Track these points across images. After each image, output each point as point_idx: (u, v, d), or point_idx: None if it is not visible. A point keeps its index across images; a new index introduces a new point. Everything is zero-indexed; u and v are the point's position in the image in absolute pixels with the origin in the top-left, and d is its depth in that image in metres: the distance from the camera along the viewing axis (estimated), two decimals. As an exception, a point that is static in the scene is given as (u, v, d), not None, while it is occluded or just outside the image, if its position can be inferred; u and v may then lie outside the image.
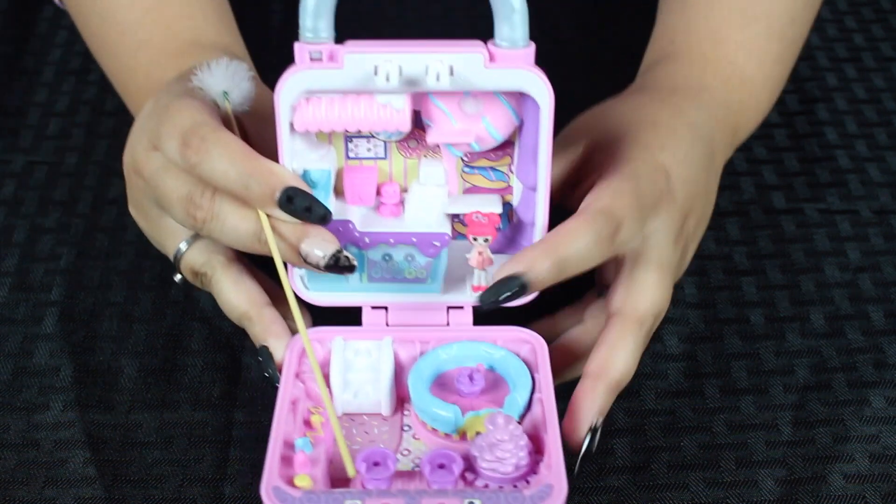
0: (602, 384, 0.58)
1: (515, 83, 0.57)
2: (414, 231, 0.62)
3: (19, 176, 0.79)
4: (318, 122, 0.58)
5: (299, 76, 0.57)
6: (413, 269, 0.62)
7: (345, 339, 0.61)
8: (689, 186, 0.63)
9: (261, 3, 0.92)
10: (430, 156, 0.63)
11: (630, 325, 0.60)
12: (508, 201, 0.64)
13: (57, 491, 0.60)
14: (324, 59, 0.57)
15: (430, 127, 0.60)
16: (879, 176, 0.79)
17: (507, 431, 0.55)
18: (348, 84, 0.57)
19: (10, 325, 0.69)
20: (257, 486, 0.60)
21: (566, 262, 0.57)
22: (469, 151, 0.62)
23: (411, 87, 0.57)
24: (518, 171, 0.62)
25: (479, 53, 0.56)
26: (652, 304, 0.60)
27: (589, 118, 0.67)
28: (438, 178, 0.63)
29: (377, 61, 0.56)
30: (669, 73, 0.71)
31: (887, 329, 0.69)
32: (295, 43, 0.57)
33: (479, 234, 0.62)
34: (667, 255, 0.61)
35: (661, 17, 0.76)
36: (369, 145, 0.63)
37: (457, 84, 0.57)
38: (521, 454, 0.55)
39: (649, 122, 0.65)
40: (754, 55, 0.72)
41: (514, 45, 0.56)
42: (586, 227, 0.57)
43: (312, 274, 0.62)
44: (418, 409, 0.59)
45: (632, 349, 0.59)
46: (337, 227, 0.60)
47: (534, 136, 0.59)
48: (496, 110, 0.60)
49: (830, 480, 0.61)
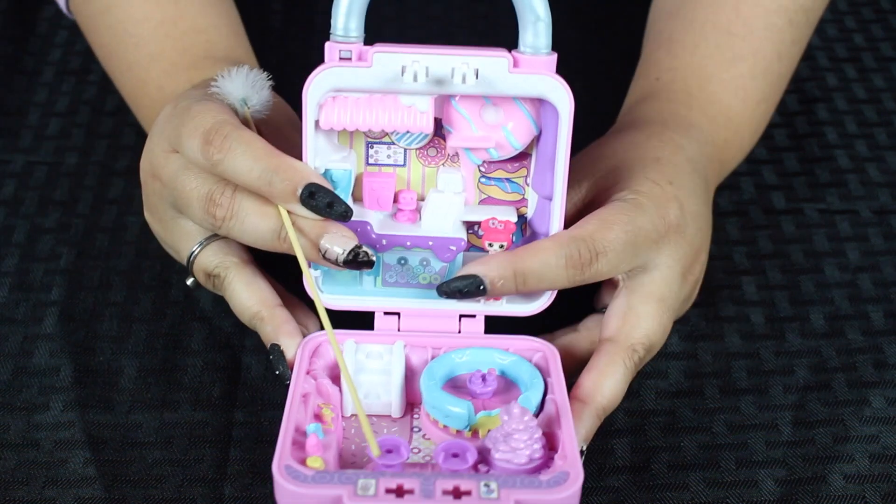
0: (589, 410, 0.58)
1: (537, 89, 0.58)
2: (431, 235, 0.62)
3: (19, 176, 0.79)
4: (343, 120, 0.59)
5: (328, 73, 0.58)
6: (427, 275, 0.63)
7: (356, 343, 0.61)
8: (699, 220, 0.64)
9: (261, 3, 0.92)
10: (448, 165, 0.64)
11: (621, 352, 0.60)
12: (523, 214, 0.64)
13: (57, 491, 0.60)
14: (353, 59, 0.58)
15: (451, 133, 0.61)
16: (879, 176, 0.79)
17: (523, 422, 0.55)
18: (376, 83, 0.58)
19: (10, 325, 0.69)
20: (257, 487, 0.60)
21: (526, 276, 0.59)
22: (487, 160, 0.63)
23: (438, 87, 0.58)
24: (534, 181, 0.63)
25: (504, 58, 0.58)
26: (646, 335, 0.61)
27: (586, 159, 0.66)
28: (456, 186, 0.63)
29: (405, 62, 0.58)
30: (656, 109, 0.70)
31: (887, 329, 0.69)
32: (326, 42, 0.58)
33: (494, 241, 0.62)
34: (670, 290, 0.62)
35: (646, 52, 0.75)
36: (389, 152, 0.63)
37: (481, 87, 0.58)
38: (536, 446, 0.55)
39: (652, 158, 0.65)
40: (739, 94, 0.71)
41: (537, 52, 0.58)
42: (554, 249, 0.59)
43: (326, 276, 0.62)
44: (430, 406, 0.59)
45: (620, 377, 0.59)
46: (354, 228, 0.61)
47: (552, 146, 0.60)
48: (516, 119, 0.61)
49: (830, 481, 0.61)
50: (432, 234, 0.62)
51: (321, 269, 0.62)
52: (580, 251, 0.59)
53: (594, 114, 0.77)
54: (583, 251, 0.59)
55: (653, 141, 0.66)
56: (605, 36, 0.90)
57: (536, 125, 0.61)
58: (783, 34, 0.73)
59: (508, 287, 0.59)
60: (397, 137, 0.63)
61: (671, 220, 0.62)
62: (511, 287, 0.59)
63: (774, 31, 0.72)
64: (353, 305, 0.63)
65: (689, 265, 0.63)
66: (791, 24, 0.73)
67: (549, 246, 0.59)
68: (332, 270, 0.62)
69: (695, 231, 0.63)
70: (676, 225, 0.62)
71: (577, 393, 0.59)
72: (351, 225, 0.60)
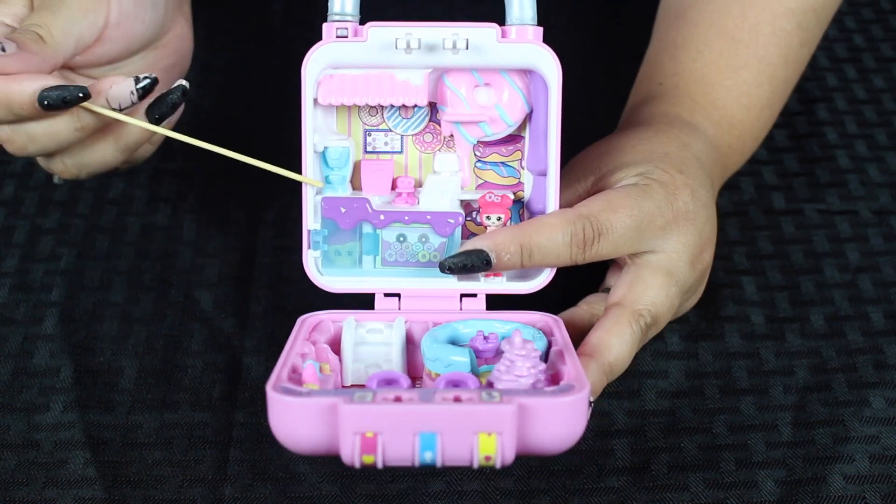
0: (595, 363, 0.58)
1: (526, 59, 0.60)
2: (429, 210, 0.63)
3: (19, 176, 0.79)
4: (340, 97, 0.62)
5: (325, 49, 0.60)
6: (427, 252, 0.63)
7: (357, 320, 0.61)
8: (709, 210, 0.64)
9: (261, 3, 0.92)
10: (444, 150, 0.65)
11: (627, 314, 0.60)
12: (520, 198, 0.64)
13: (57, 492, 0.60)
14: (349, 36, 0.60)
15: (445, 111, 0.63)
16: (879, 176, 0.79)
17: (525, 348, 0.55)
18: (371, 57, 0.60)
19: (11, 326, 0.69)
20: (257, 487, 0.60)
21: (532, 251, 0.59)
22: (482, 138, 0.63)
23: (430, 57, 0.60)
24: (529, 159, 0.64)
25: (493, 28, 0.60)
26: (652, 302, 0.61)
27: (594, 153, 0.67)
28: (453, 166, 0.65)
29: (398, 34, 0.60)
30: (661, 112, 0.70)
31: (887, 330, 0.69)
32: (323, 24, 0.60)
33: (492, 213, 0.63)
34: (677, 268, 0.62)
35: (650, 56, 0.75)
36: (387, 139, 0.65)
37: (472, 57, 0.60)
38: (541, 377, 0.54)
39: (661, 153, 0.65)
40: (743, 101, 0.71)
41: (523, 22, 0.61)
42: (561, 225, 0.59)
43: (326, 259, 0.63)
44: (432, 360, 0.58)
45: (627, 338, 0.59)
46: (353, 204, 0.62)
47: (544, 121, 0.61)
48: (508, 96, 0.63)
49: (830, 481, 0.61)
50: (430, 209, 0.63)
51: (320, 251, 0.62)
52: (584, 229, 0.59)
53: (594, 114, 0.77)
54: (587, 229, 0.59)
55: (660, 137, 0.66)
56: (605, 36, 0.90)
57: (528, 103, 0.62)
58: (791, 38, 0.72)
59: (514, 261, 0.59)
60: (394, 124, 0.64)
61: (680, 206, 0.62)
62: (517, 261, 0.59)
63: (782, 36, 0.72)
64: (352, 287, 0.63)
65: (697, 253, 0.63)
66: (800, 28, 0.72)
67: (556, 222, 0.60)
68: (331, 253, 0.63)
69: (705, 220, 0.63)
70: (685, 212, 0.62)
71: (582, 349, 0.59)
72: (349, 201, 0.62)
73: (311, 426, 0.50)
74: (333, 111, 0.64)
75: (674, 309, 0.62)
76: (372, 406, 0.49)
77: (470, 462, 0.49)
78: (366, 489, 0.60)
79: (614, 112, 0.74)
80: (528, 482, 0.61)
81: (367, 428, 0.49)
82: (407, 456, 0.49)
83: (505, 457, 0.49)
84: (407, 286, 0.63)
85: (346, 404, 0.49)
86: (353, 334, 0.60)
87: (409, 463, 0.50)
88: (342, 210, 0.62)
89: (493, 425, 0.49)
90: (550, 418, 0.50)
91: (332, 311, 0.61)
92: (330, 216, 0.63)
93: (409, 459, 0.49)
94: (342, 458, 0.50)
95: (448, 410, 0.49)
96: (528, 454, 0.51)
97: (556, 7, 0.91)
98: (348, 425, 0.49)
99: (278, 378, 0.53)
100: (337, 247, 0.63)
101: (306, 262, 0.62)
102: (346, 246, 0.63)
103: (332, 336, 0.61)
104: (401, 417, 0.49)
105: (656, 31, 0.76)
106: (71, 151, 0.62)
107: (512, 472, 0.61)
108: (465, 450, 0.49)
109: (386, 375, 0.56)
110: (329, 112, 0.64)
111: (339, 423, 0.49)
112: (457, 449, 0.49)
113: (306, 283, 0.63)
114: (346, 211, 0.62)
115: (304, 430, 0.51)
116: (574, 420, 0.51)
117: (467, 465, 0.50)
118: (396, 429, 0.49)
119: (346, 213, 0.62)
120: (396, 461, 0.50)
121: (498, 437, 0.49)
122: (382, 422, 0.49)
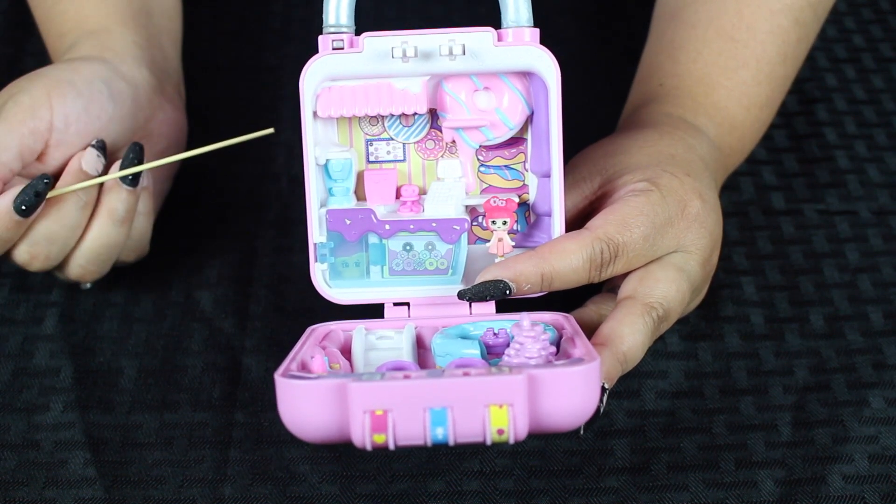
0: (608, 351, 0.58)
1: (524, 61, 0.60)
2: (434, 217, 0.63)
3: (19, 176, 0.79)
4: (339, 108, 0.62)
5: (322, 62, 0.60)
6: (434, 260, 0.63)
7: (367, 329, 0.61)
8: (717, 212, 0.64)
9: (261, 4, 0.92)
10: (447, 156, 0.65)
11: (639, 307, 0.60)
12: (525, 201, 0.64)
13: (57, 492, 0.61)
14: (345, 47, 0.60)
15: (446, 118, 0.63)
16: (878, 177, 0.79)
17: (534, 330, 0.54)
18: (368, 67, 0.60)
19: (11, 326, 0.69)
20: (257, 487, 0.61)
21: (553, 279, 0.60)
22: (484, 143, 0.63)
23: (427, 65, 0.60)
24: (532, 161, 0.64)
25: (489, 32, 0.60)
26: (664, 296, 0.61)
27: (599, 152, 0.66)
28: (456, 172, 0.65)
29: (394, 43, 0.60)
30: (664, 113, 0.70)
31: (886, 330, 0.69)
32: (319, 37, 0.60)
33: (497, 217, 0.63)
34: (689, 266, 0.62)
35: (648, 56, 0.75)
36: (389, 148, 0.64)
37: (469, 62, 0.60)
38: (552, 360, 0.54)
39: (667, 154, 0.65)
40: (743, 101, 0.71)
41: (519, 24, 0.60)
42: (580, 250, 0.60)
43: (334, 271, 0.63)
44: (442, 356, 0.58)
45: (640, 328, 0.59)
46: (357, 215, 0.62)
47: (545, 122, 0.61)
48: (508, 100, 0.62)
49: (830, 481, 0.61)
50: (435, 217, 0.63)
51: (328, 263, 0.62)
52: (602, 253, 0.60)
53: (594, 114, 0.77)
54: (605, 253, 0.60)
55: (665, 139, 0.66)
56: (605, 36, 0.90)
57: (528, 105, 0.62)
58: (788, 35, 0.72)
59: (534, 290, 0.60)
60: (395, 132, 0.64)
61: (691, 212, 0.62)
62: (537, 289, 0.60)
63: (779, 34, 0.72)
64: (361, 298, 0.63)
65: (708, 255, 0.63)
66: (797, 24, 0.72)
67: (574, 247, 0.60)
68: (339, 265, 0.62)
69: (714, 223, 0.64)
70: (696, 216, 0.62)
71: (595, 339, 0.59)
72: (353, 213, 0.62)
73: (320, 409, 0.50)
74: (334, 122, 0.64)
75: (684, 304, 0.62)
76: (381, 383, 0.49)
77: (483, 438, 0.49)
78: (366, 489, 0.60)
79: (614, 112, 0.75)
80: (528, 482, 0.61)
81: (377, 405, 0.49)
82: (419, 433, 0.49)
83: (518, 430, 0.49)
84: (415, 295, 0.63)
85: (354, 383, 0.49)
86: (363, 341, 0.60)
87: (422, 442, 0.49)
88: (347, 222, 0.62)
89: (504, 396, 0.49)
90: (562, 389, 0.50)
91: (341, 321, 0.61)
92: (335, 228, 0.62)
93: (421, 437, 0.49)
94: (353, 440, 0.49)
95: (458, 384, 0.49)
96: (541, 430, 0.50)
97: (556, 7, 0.91)
98: (358, 403, 0.49)
99: (287, 369, 0.53)
100: (344, 258, 0.63)
101: (314, 275, 0.62)
102: (353, 257, 0.63)
103: (342, 344, 0.61)
104: (411, 393, 0.49)
105: (653, 31, 0.76)
106: (81, 248, 0.65)
107: (512, 472, 0.61)
108: (477, 424, 0.49)
109: (394, 364, 0.56)
110: (329, 124, 0.64)
111: (349, 402, 0.49)
112: (468, 423, 0.49)
113: (306, 283, 0.63)
114: (352, 223, 0.62)
115: (314, 413, 0.50)
116: (586, 392, 0.50)
117: (480, 442, 0.49)
118: (406, 405, 0.49)
119: (351, 224, 0.62)
120: (408, 440, 0.49)
121: (509, 409, 0.49)
122: (392, 398, 0.49)
